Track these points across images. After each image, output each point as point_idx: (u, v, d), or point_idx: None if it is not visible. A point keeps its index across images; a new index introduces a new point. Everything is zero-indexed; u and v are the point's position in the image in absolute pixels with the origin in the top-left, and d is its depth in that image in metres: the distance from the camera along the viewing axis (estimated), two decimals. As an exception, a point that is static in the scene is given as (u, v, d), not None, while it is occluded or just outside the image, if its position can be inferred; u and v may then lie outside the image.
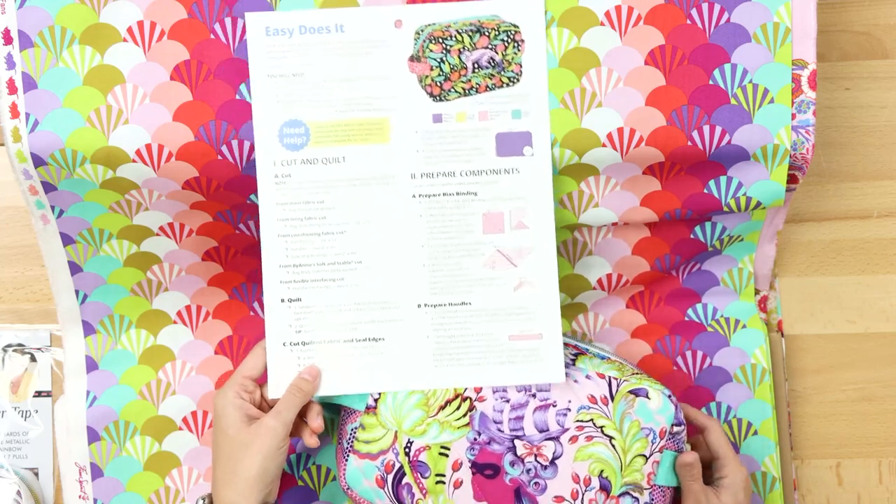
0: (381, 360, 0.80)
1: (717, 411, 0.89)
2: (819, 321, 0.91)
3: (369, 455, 0.79)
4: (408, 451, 0.79)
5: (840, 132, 0.91)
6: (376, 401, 0.79)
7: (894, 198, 0.91)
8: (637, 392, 0.78)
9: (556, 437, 0.78)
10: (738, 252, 0.89)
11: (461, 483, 0.78)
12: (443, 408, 0.79)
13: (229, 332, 0.90)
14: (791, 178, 0.82)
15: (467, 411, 0.79)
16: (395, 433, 0.79)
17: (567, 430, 0.78)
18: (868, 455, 0.91)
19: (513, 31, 0.78)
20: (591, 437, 0.78)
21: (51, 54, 0.78)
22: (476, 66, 0.79)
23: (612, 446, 0.77)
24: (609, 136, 0.79)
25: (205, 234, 0.85)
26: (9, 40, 0.78)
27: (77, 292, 0.86)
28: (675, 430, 0.78)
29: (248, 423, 0.77)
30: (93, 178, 0.79)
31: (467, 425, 0.79)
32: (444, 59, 0.79)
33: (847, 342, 0.91)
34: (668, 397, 0.78)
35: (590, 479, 0.77)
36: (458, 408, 0.79)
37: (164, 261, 0.87)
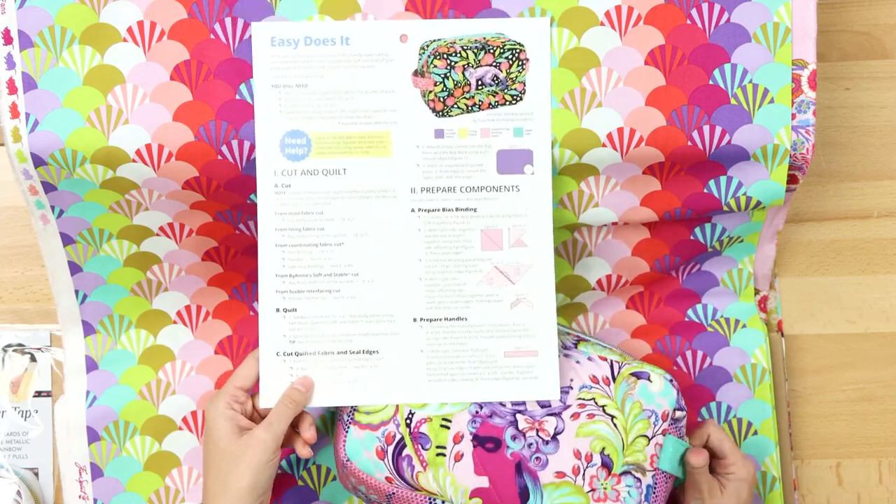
0: (374, 374, 0.80)
1: (718, 411, 0.89)
2: (819, 321, 0.91)
3: (370, 426, 0.79)
4: (409, 422, 0.78)
5: (840, 132, 0.91)
6: None
7: (894, 198, 0.91)
8: (639, 375, 0.79)
9: (558, 413, 0.78)
10: (738, 253, 0.89)
11: (462, 456, 0.78)
12: None
13: (229, 332, 0.90)
14: (791, 178, 0.82)
15: None
16: (397, 405, 0.79)
17: (569, 406, 0.78)
18: (868, 455, 0.91)
19: (517, 50, 0.78)
20: (593, 415, 0.78)
21: (51, 54, 0.78)
22: (480, 83, 0.79)
23: (614, 425, 0.77)
24: (609, 136, 0.79)
25: (205, 234, 0.85)
26: (9, 40, 0.78)
27: (77, 292, 0.86)
28: (677, 414, 0.79)
29: (239, 435, 0.76)
30: (93, 178, 0.79)
31: None
32: (448, 74, 0.79)
33: (847, 342, 0.91)
34: (670, 381, 0.79)
35: (591, 455, 0.77)
36: None
37: (164, 261, 0.87)
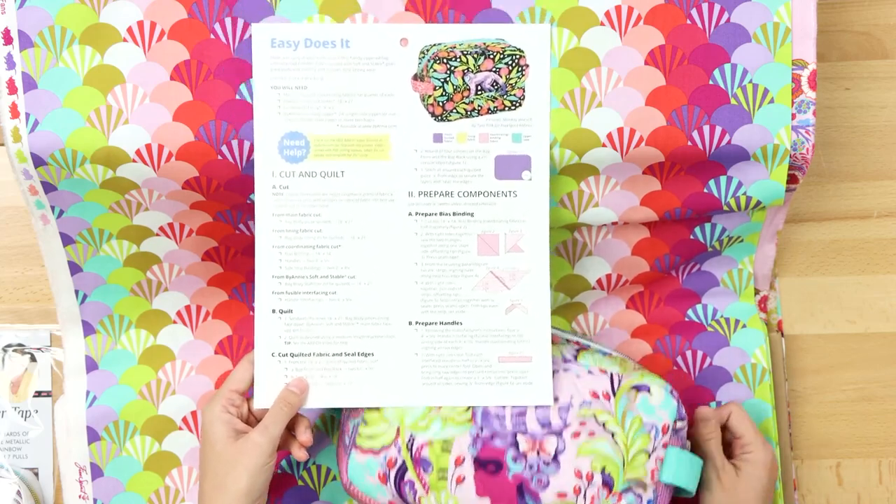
0: (369, 376, 0.79)
1: (717, 411, 0.89)
2: (819, 321, 0.91)
3: (372, 450, 0.79)
4: (410, 446, 0.78)
5: (840, 132, 0.91)
6: None
7: (894, 198, 0.91)
8: (639, 387, 0.78)
9: (559, 433, 0.78)
10: (738, 253, 0.89)
11: (464, 479, 0.78)
12: None
13: (229, 332, 0.90)
14: (791, 178, 0.82)
15: (470, 406, 0.79)
16: (398, 428, 0.79)
17: (569, 425, 0.78)
18: (868, 455, 0.91)
19: (518, 56, 0.78)
20: (594, 433, 0.77)
21: (51, 54, 0.78)
22: (479, 88, 0.79)
23: (615, 442, 0.77)
24: (609, 136, 0.79)
25: (205, 234, 0.85)
26: (9, 40, 0.78)
27: (77, 292, 0.86)
28: (678, 425, 0.78)
29: (234, 439, 0.76)
30: (93, 178, 0.79)
31: (470, 421, 0.79)
32: (447, 79, 0.78)
33: (847, 342, 0.91)
34: (670, 392, 0.78)
35: (592, 474, 0.77)
36: None
37: (163, 261, 0.87)
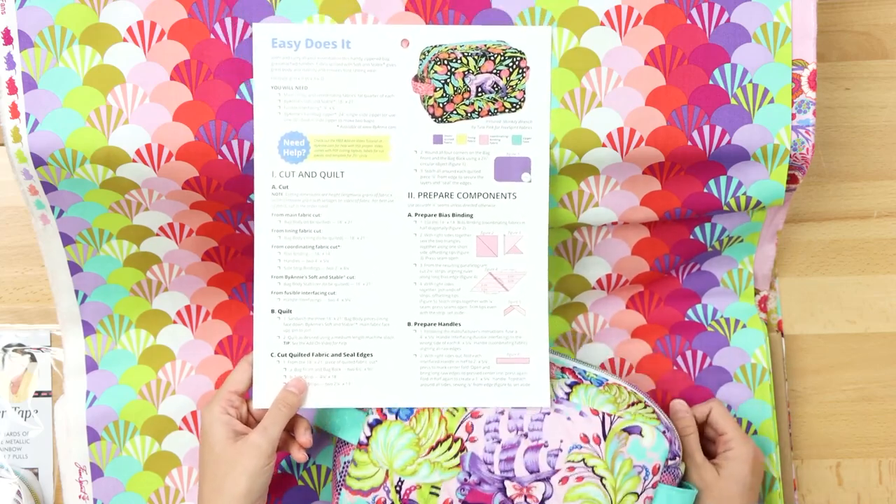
0: (368, 376, 0.80)
1: (717, 411, 0.89)
2: (819, 321, 0.91)
3: (361, 492, 0.79)
4: (399, 489, 0.79)
5: (840, 132, 0.91)
6: (368, 438, 0.79)
7: (894, 198, 0.91)
8: (630, 430, 0.78)
9: (547, 479, 0.78)
10: (738, 253, 0.89)
11: None
12: (434, 448, 0.79)
13: (229, 332, 0.90)
14: (791, 178, 0.82)
15: (458, 452, 0.79)
16: (387, 471, 0.79)
17: (558, 471, 0.78)
18: (868, 455, 0.91)
19: (518, 58, 0.78)
20: (582, 478, 0.77)
21: (51, 54, 0.78)
22: (480, 89, 0.79)
23: (603, 486, 0.77)
24: (609, 136, 0.79)
25: (205, 234, 0.85)
26: (9, 40, 0.78)
27: (77, 292, 0.86)
28: (669, 463, 0.78)
29: (234, 440, 0.76)
30: (93, 178, 0.79)
31: (458, 466, 0.79)
32: (448, 80, 0.79)
33: (847, 342, 0.91)
34: (663, 433, 0.78)
35: None
36: (448, 448, 0.79)
37: (163, 261, 0.87)
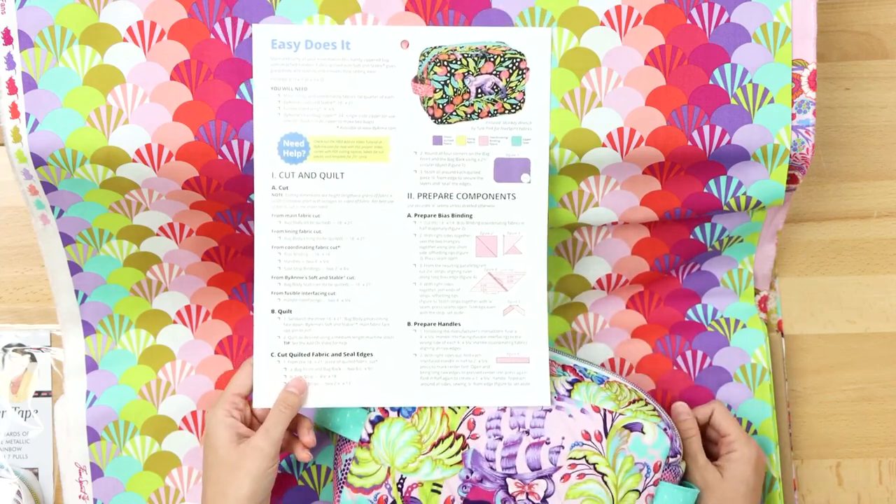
0: (368, 376, 0.80)
1: (717, 411, 0.89)
2: (819, 321, 0.91)
3: (363, 489, 0.79)
4: (400, 486, 0.79)
5: (840, 132, 0.91)
6: (370, 435, 0.79)
7: (894, 198, 0.91)
8: (632, 427, 0.78)
9: (549, 476, 0.78)
10: (738, 253, 0.89)
11: None
12: (435, 445, 0.79)
13: (229, 332, 0.90)
14: (791, 178, 0.82)
15: (460, 449, 0.79)
16: (388, 469, 0.79)
17: (559, 468, 0.78)
18: (868, 455, 0.91)
19: (518, 59, 0.78)
20: (584, 475, 0.78)
21: (51, 54, 0.78)
22: (479, 91, 0.79)
23: (605, 483, 0.77)
24: (609, 136, 0.79)
25: (205, 234, 0.85)
26: (9, 40, 0.78)
27: (77, 292, 0.86)
28: (671, 460, 0.78)
29: (237, 443, 0.76)
30: (93, 178, 0.79)
31: (460, 463, 0.79)
32: (448, 82, 0.79)
33: (847, 342, 0.91)
34: (664, 430, 0.78)
35: None
36: (450, 445, 0.79)
37: (164, 261, 0.87)
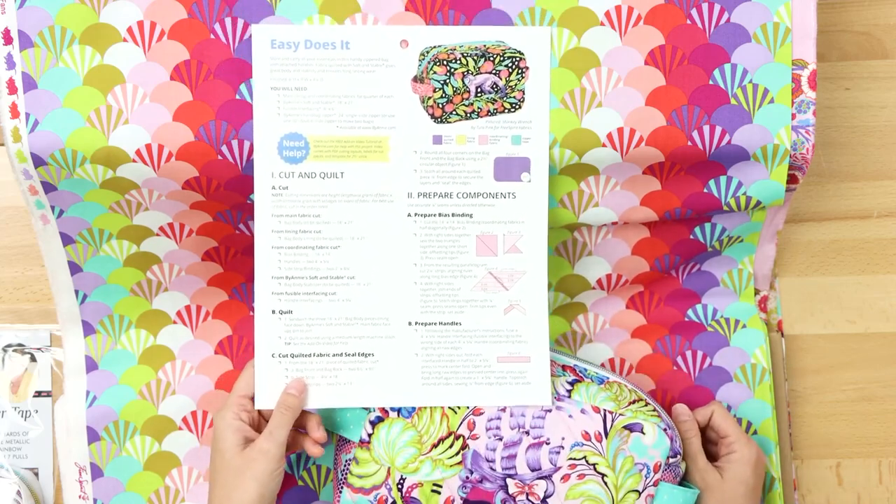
0: (369, 376, 0.80)
1: (717, 411, 0.89)
2: (819, 321, 0.91)
3: (362, 490, 0.79)
4: (400, 487, 0.79)
5: (840, 132, 0.91)
6: (370, 435, 0.79)
7: (894, 198, 0.91)
8: (632, 427, 0.78)
9: (548, 476, 0.78)
10: (738, 253, 0.89)
11: None
12: (435, 445, 0.79)
13: (229, 332, 0.90)
14: (791, 178, 0.82)
15: (460, 449, 0.79)
16: (388, 469, 0.79)
17: (559, 468, 0.78)
18: (868, 455, 0.91)
19: (517, 58, 0.78)
20: (584, 476, 0.78)
21: (51, 54, 0.78)
22: (479, 90, 0.79)
23: (605, 483, 0.77)
24: (609, 136, 0.79)
25: (205, 234, 0.85)
26: (9, 40, 0.78)
27: (77, 292, 0.86)
28: (670, 461, 0.78)
29: (243, 447, 0.76)
30: (93, 178, 0.79)
31: (460, 463, 0.79)
32: (447, 81, 0.79)
33: (847, 342, 0.91)
34: (664, 431, 0.78)
35: None
36: (450, 446, 0.79)
37: (163, 261, 0.87)
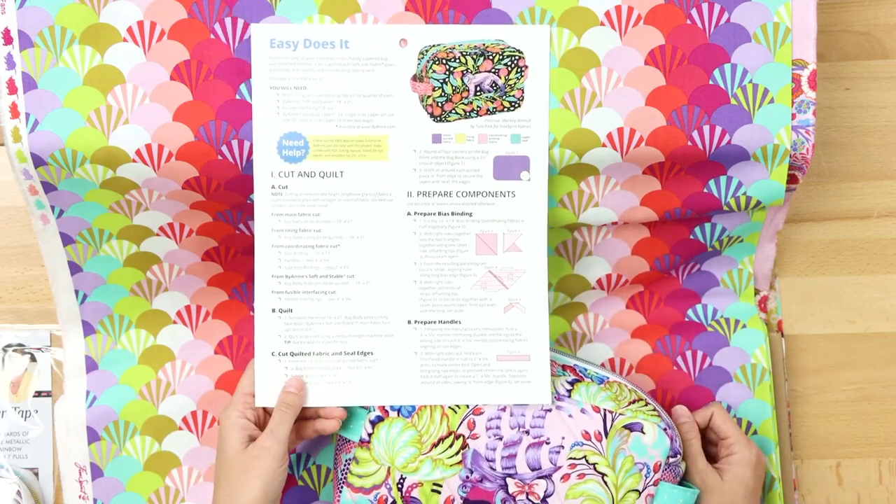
0: (369, 375, 0.80)
1: (717, 411, 0.89)
2: (819, 321, 0.91)
3: (362, 489, 0.79)
4: (400, 486, 0.79)
5: (840, 132, 0.91)
6: (370, 435, 0.79)
7: (894, 198, 0.91)
8: (632, 427, 0.78)
9: (549, 476, 0.78)
10: (738, 253, 0.89)
11: None
12: (435, 445, 0.79)
13: (229, 332, 0.90)
14: (791, 178, 0.82)
15: (460, 449, 0.79)
16: (388, 469, 0.79)
17: (559, 468, 0.78)
18: (868, 455, 0.91)
19: (517, 57, 0.78)
20: (584, 475, 0.78)
21: (51, 54, 0.78)
22: (478, 89, 0.79)
23: (605, 483, 0.77)
24: (609, 136, 0.79)
25: (205, 234, 0.85)
26: (9, 40, 0.78)
27: (77, 292, 0.86)
28: (670, 460, 0.78)
29: (247, 444, 0.77)
30: (93, 178, 0.79)
31: (460, 463, 0.79)
32: (446, 80, 0.79)
33: (847, 342, 0.91)
34: (664, 430, 0.78)
35: None
36: (450, 445, 0.79)
37: (163, 261, 0.87)
